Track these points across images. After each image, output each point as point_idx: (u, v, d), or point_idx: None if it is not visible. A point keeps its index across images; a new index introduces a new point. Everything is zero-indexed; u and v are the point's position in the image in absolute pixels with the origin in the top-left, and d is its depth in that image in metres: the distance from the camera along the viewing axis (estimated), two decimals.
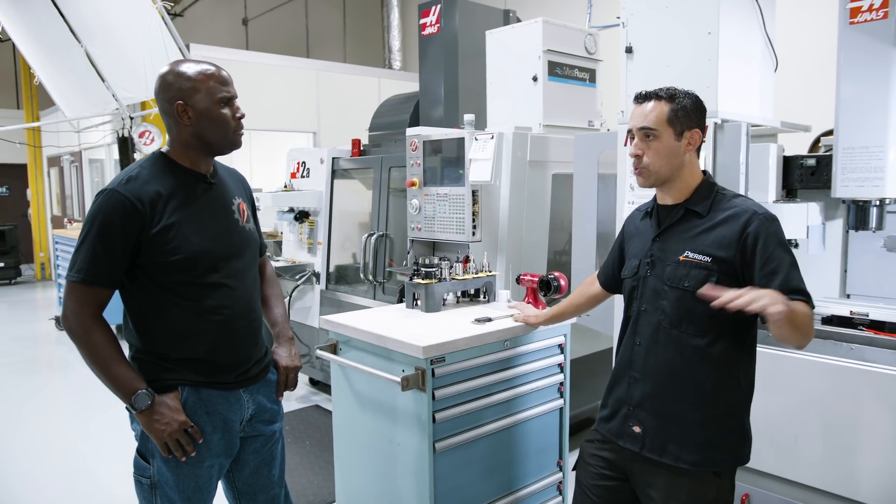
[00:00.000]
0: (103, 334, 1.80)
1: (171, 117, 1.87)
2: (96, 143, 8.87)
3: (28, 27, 6.19)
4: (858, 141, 2.67)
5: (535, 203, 3.71)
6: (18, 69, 12.14)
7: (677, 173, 1.88)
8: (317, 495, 3.48)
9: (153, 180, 1.85)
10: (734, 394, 1.85)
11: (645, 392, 1.91)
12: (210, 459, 1.92)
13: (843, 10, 2.65)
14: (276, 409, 2.12)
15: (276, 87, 7.91)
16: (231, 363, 1.95)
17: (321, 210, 4.91)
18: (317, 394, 5.20)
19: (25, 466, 4.06)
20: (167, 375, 1.87)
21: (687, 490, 1.84)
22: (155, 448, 1.86)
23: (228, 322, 1.92)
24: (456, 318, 2.69)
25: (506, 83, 4.16)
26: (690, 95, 1.88)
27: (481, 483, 2.50)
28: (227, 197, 2.02)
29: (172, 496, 1.89)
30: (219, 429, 1.93)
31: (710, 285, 1.66)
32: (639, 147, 1.87)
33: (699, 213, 1.86)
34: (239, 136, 1.95)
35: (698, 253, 1.81)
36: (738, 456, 1.88)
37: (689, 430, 1.83)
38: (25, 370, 6.32)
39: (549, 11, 7.00)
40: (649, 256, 1.93)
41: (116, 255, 1.79)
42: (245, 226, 2.04)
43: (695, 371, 1.83)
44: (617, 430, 1.97)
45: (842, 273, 3.12)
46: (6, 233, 11.48)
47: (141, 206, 1.79)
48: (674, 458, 1.84)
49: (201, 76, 1.85)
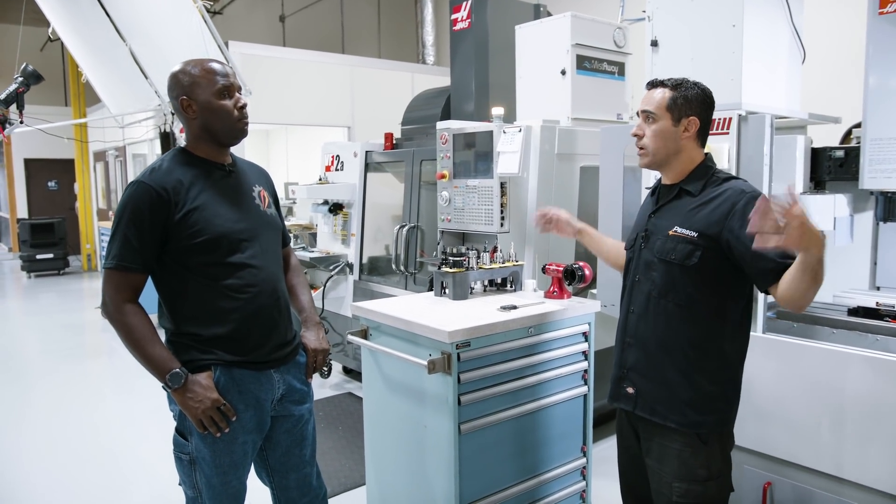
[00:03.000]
0: (139, 317, 1.92)
1: (180, 112, 2.01)
2: (139, 139, 9.15)
3: (76, 28, 6.41)
4: (887, 132, 2.67)
5: (562, 195, 3.76)
6: (66, 68, 12.56)
7: (674, 157, 1.99)
8: (348, 478, 3.60)
9: (175, 170, 1.98)
10: (717, 361, 1.95)
11: (637, 356, 2.06)
12: (243, 436, 2.03)
13: (872, 1, 2.65)
14: (305, 389, 2.23)
15: (312, 83, 8.05)
16: (259, 341, 2.04)
17: (354, 202, 5.02)
18: (350, 381, 5.34)
19: (73, 445, 4.27)
20: (200, 356, 1.98)
21: (676, 456, 1.95)
22: (192, 426, 1.97)
23: (254, 301, 2.01)
24: (482, 305, 2.77)
25: (535, 77, 4.21)
26: (698, 86, 1.98)
27: (506, 465, 2.58)
28: (246, 184, 2.13)
29: (209, 471, 2.00)
30: (251, 407, 2.03)
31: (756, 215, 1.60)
32: (640, 128, 2.02)
33: (691, 192, 1.98)
34: (243, 125, 2.05)
35: (686, 228, 1.93)
36: (722, 420, 1.98)
37: (674, 393, 1.95)
38: (73, 356, 6.59)
39: (581, 5, 7.00)
40: (645, 230, 2.07)
41: (146, 241, 1.91)
42: (266, 210, 2.15)
43: (680, 338, 1.96)
44: (614, 392, 2.14)
45: (871, 265, 3.11)
46: (55, 225, 11.89)
47: (165, 194, 1.91)
48: (662, 418, 1.97)
49: (200, 70, 1.98)
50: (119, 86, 6.80)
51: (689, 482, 1.93)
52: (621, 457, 2.24)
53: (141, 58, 6.14)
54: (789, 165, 2.85)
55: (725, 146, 2.63)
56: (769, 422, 2.64)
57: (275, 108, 7.64)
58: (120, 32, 6.00)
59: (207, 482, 2.01)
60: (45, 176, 14.48)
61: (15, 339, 7.60)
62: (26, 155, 13.95)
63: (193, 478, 2.02)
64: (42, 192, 14.53)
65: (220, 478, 2.02)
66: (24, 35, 9.09)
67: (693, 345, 1.94)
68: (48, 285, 11.04)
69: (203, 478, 2.01)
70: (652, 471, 2.04)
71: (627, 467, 2.22)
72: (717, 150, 2.57)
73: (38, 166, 14.25)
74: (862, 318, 2.71)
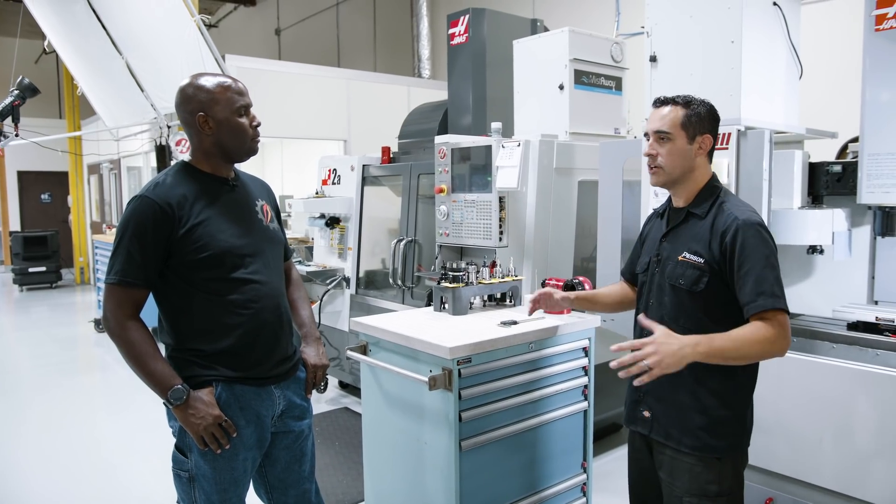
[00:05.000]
0: (140, 333, 1.91)
1: (193, 128, 1.99)
2: (135, 152, 9.14)
3: (72, 40, 6.42)
4: (884, 147, 2.68)
5: (561, 209, 3.76)
6: (61, 81, 12.56)
7: (689, 175, 1.99)
8: (346, 494, 3.57)
9: (179, 185, 1.97)
10: (730, 385, 1.95)
11: (652, 380, 1.99)
12: (244, 452, 2.01)
13: (869, 18, 2.68)
14: (305, 405, 2.21)
15: (308, 96, 8.06)
16: (261, 357, 2.03)
17: (351, 216, 5.02)
18: (346, 396, 5.30)
19: (66, 461, 4.22)
20: (202, 372, 1.96)
21: (688, 471, 1.95)
22: (192, 443, 1.95)
23: (257, 316, 2.01)
24: (482, 320, 2.76)
25: (532, 91, 4.23)
26: (705, 104, 1.99)
27: (506, 482, 2.56)
28: (249, 198, 2.13)
29: (209, 488, 1.98)
30: (251, 423, 2.02)
31: (642, 316, 1.79)
32: (653, 147, 2.00)
33: (699, 215, 1.98)
34: (256, 143, 2.07)
35: (693, 254, 1.94)
36: (736, 444, 1.97)
37: (688, 417, 1.95)
38: (66, 370, 6.53)
39: (577, 20, 7.05)
40: (657, 255, 2.07)
41: (149, 256, 1.89)
42: (269, 225, 2.14)
43: (692, 363, 1.91)
44: (629, 416, 2.13)
45: (869, 279, 3.11)
46: (48, 238, 11.84)
47: (169, 209, 1.90)
48: (676, 442, 1.97)
49: (219, 88, 1.97)
50: (114, 98, 6.81)
51: (699, 497, 1.93)
52: (632, 470, 2.23)
53: (137, 71, 6.14)
54: (787, 180, 2.87)
55: (725, 161, 2.64)
56: (770, 437, 2.63)
57: (271, 121, 7.59)
58: (116, 45, 6.00)
59: (207, 499, 1.98)
60: (39, 188, 14.43)
61: (7, 353, 7.53)
62: (19, 167, 13.89)
63: (192, 495, 2.00)
64: (35, 204, 14.46)
65: (220, 495, 1.99)
66: (19, 47, 9.08)
67: (705, 369, 1.91)
68: (40, 299, 10.97)
69: (203, 495, 1.99)
70: (664, 483, 2.03)
71: (637, 481, 2.20)
72: (716, 166, 2.57)
73: (31, 178, 14.20)
74: (862, 332, 2.71)
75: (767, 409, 2.62)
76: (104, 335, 8.04)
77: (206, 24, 5.73)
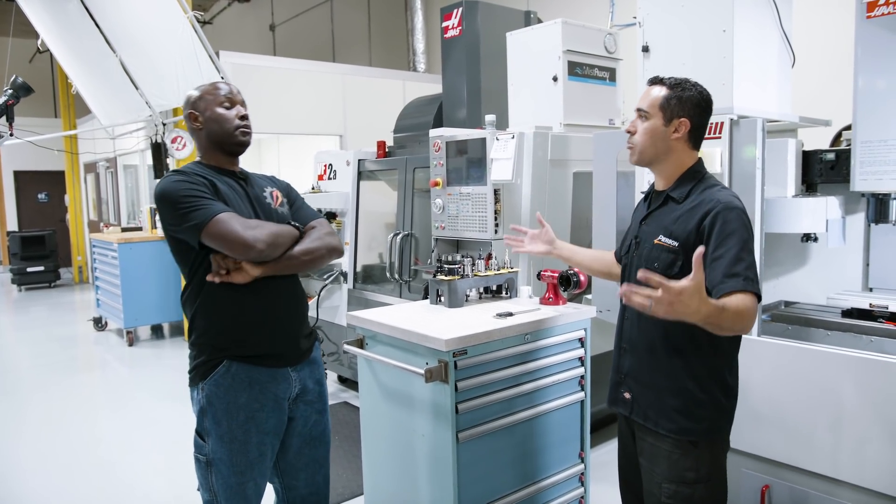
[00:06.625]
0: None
1: (190, 126, 2.16)
2: (131, 150, 9.12)
3: (65, 39, 6.40)
4: (877, 134, 2.69)
5: (556, 201, 3.77)
6: (56, 79, 12.52)
7: (664, 157, 1.99)
8: (346, 488, 3.58)
9: (201, 173, 2.10)
10: (706, 369, 1.95)
11: (632, 362, 2.08)
12: (259, 436, 2.07)
13: (860, 5, 2.67)
14: (318, 389, 2.29)
15: (303, 91, 8.06)
16: (277, 339, 2.12)
17: (348, 211, 5.02)
18: (345, 391, 5.32)
19: (67, 460, 4.24)
20: (225, 352, 2.04)
21: (667, 457, 1.96)
22: (210, 428, 2.03)
23: (273, 298, 2.10)
24: (478, 313, 2.76)
25: (526, 83, 4.22)
26: (697, 89, 1.97)
27: (504, 473, 2.57)
28: (258, 187, 2.25)
29: (225, 472, 2.05)
30: (268, 406, 2.09)
31: (643, 270, 1.69)
32: (633, 125, 2.02)
33: (676, 199, 1.98)
34: (244, 134, 2.17)
35: (668, 237, 1.94)
36: (713, 428, 1.97)
37: (664, 399, 1.97)
38: (65, 369, 6.53)
39: (571, 12, 7.04)
40: (636, 237, 2.09)
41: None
42: (278, 208, 2.24)
43: (668, 346, 1.97)
44: (612, 397, 2.17)
45: (864, 267, 3.12)
46: (45, 237, 11.82)
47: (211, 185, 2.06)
48: (654, 424, 1.99)
49: (208, 87, 2.17)
50: (109, 97, 6.79)
51: (677, 483, 1.94)
52: (621, 456, 2.27)
53: (131, 69, 6.14)
54: (781, 168, 2.87)
55: (718, 150, 2.64)
56: (766, 425, 2.65)
57: (266, 117, 7.62)
58: (110, 43, 5.99)
59: (224, 483, 2.05)
60: (35, 188, 14.39)
61: (7, 352, 7.53)
62: (16, 167, 13.86)
63: (210, 480, 2.07)
64: (32, 204, 14.43)
65: (237, 478, 2.05)
66: (12, 47, 9.05)
67: (681, 352, 1.94)
68: (39, 298, 10.96)
69: (220, 479, 2.05)
70: (644, 470, 2.06)
71: (626, 466, 2.24)
72: (709, 155, 2.59)
73: (27, 178, 14.17)
74: (856, 319, 2.72)
75: (762, 396, 2.64)
76: (103, 334, 8.14)
77: (200, 20, 5.71)
